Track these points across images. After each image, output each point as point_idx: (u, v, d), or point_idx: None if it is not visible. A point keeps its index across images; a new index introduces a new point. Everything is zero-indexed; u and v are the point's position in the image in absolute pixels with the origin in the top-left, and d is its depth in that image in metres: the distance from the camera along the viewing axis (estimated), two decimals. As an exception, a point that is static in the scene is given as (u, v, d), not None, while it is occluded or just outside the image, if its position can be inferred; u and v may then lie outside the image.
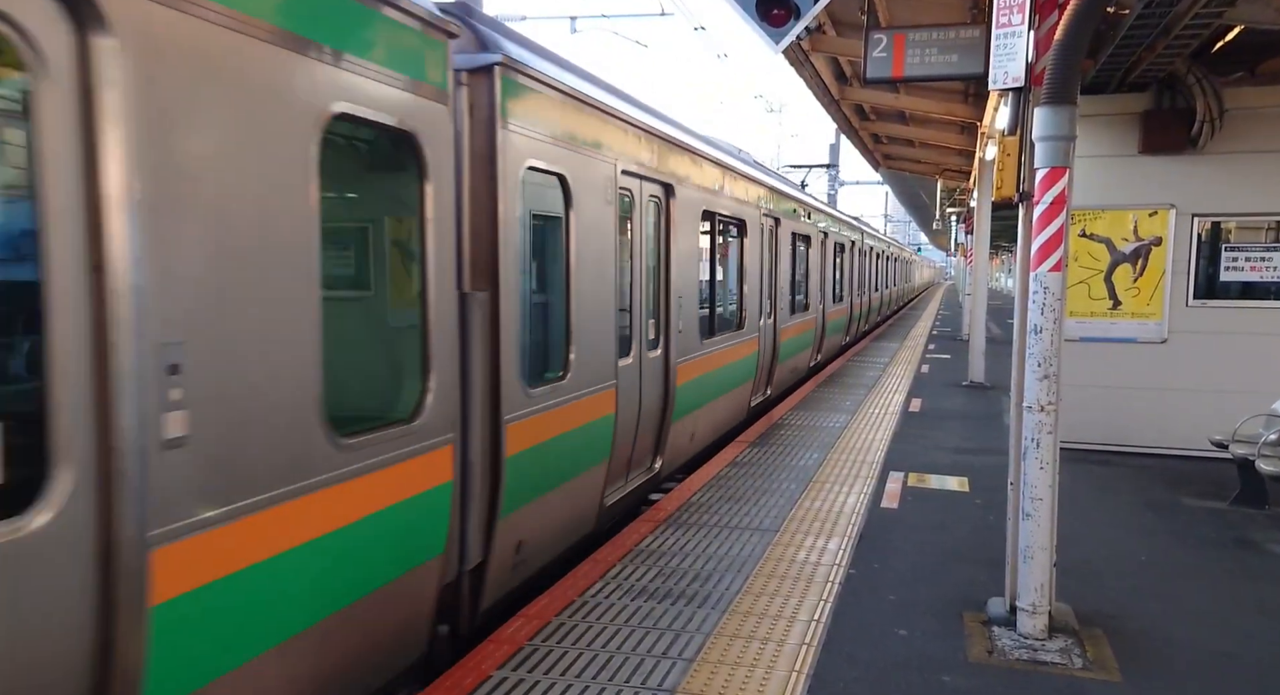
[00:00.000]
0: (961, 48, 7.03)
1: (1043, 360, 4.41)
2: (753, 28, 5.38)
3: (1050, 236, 4.36)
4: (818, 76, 12.94)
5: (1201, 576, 5.62)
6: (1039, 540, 4.48)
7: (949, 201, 28.52)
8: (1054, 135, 4.31)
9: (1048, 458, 4.45)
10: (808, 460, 8.45)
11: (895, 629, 4.67)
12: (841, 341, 19.56)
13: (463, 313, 4.30)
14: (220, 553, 2.84)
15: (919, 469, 8.25)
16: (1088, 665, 4.29)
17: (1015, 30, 4.60)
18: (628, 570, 5.42)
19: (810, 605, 4.92)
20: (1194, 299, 8.85)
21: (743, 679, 4.04)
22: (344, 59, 3.35)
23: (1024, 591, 4.54)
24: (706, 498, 7.06)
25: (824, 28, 11.10)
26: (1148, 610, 5.02)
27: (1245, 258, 8.80)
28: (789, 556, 5.70)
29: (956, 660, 4.32)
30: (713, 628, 4.59)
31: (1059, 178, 4.33)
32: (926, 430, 10.24)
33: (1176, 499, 7.42)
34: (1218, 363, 8.76)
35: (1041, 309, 4.40)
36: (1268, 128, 8.42)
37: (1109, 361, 8.94)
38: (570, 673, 4.08)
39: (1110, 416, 9.01)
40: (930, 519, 6.68)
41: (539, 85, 4.96)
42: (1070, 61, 4.22)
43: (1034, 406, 4.45)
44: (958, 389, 13.95)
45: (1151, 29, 6.79)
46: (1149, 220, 8.80)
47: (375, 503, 3.62)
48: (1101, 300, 8.95)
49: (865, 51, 7.26)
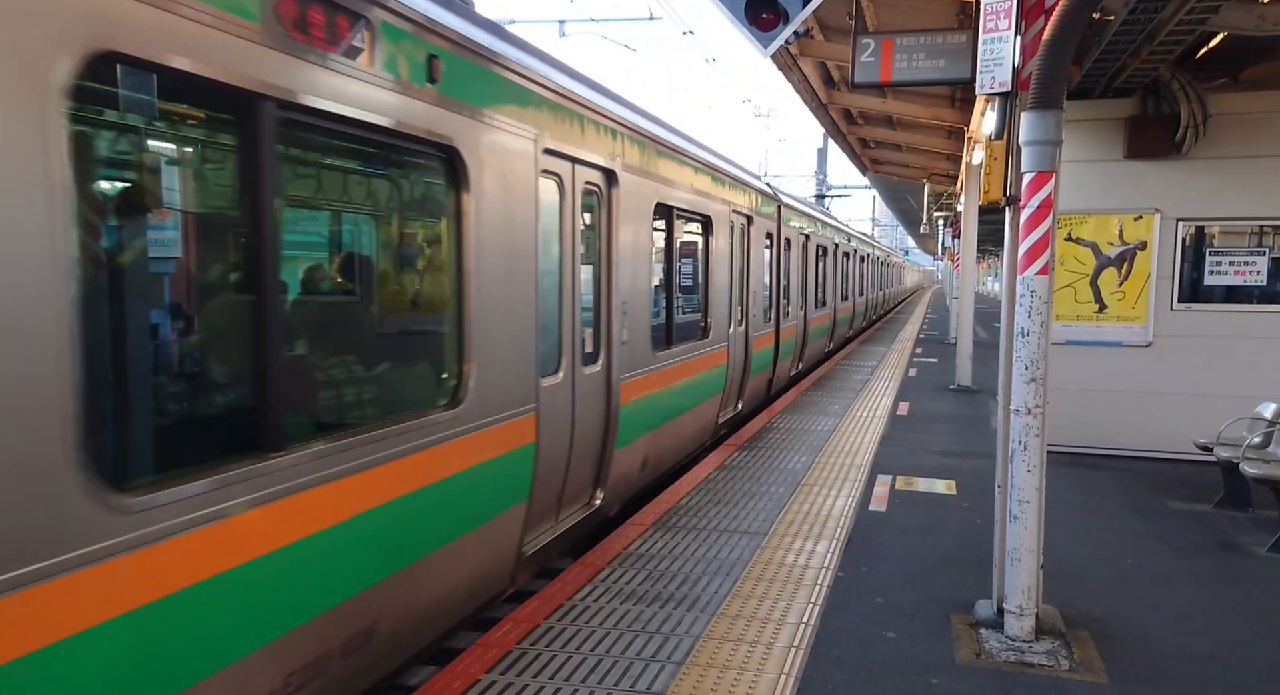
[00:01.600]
0: (949, 53, 7.08)
1: (1030, 363, 4.43)
2: (741, 31, 5.40)
3: (1037, 240, 4.38)
4: (806, 81, 12.99)
5: (1186, 579, 5.66)
6: (1026, 542, 4.50)
7: (936, 206, 28.68)
8: (1040, 140, 4.34)
9: (1035, 460, 4.47)
10: (796, 463, 8.46)
11: (883, 631, 4.68)
12: (825, 347, 19.12)
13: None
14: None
15: (907, 472, 8.28)
16: (1074, 667, 4.31)
17: (1002, 35, 4.62)
18: (616, 574, 5.41)
19: (799, 608, 4.92)
20: (1179, 303, 8.92)
21: (731, 681, 4.04)
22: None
23: (1011, 594, 4.56)
24: (695, 501, 7.06)
25: (812, 32, 11.15)
26: (1133, 612, 5.05)
27: (1229, 262, 8.87)
28: (777, 559, 5.71)
29: (944, 662, 4.33)
30: (701, 631, 4.59)
31: (1045, 182, 4.36)
32: (914, 433, 10.27)
33: (1161, 502, 7.46)
34: (1202, 366, 8.82)
35: (1029, 312, 4.43)
36: (1251, 133, 8.50)
37: (1094, 365, 9.00)
38: (559, 676, 4.07)
39: (1096, 420, 9.06)
40: (918, 522, 6.70)
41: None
42: (1056, 66, 4.25)
43: (1021, 409, 4.47)
44: (945, 392, 14.00)
45: (1136, 35, 6.85)
46: (1134, 225, 8.86)
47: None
48: (1087, 304, 9.01)
49: (853, 56, 7.31)
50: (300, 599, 3.42)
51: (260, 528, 3.18)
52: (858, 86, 8.19)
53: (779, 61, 11.71)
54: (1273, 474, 6.15)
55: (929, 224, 34.54)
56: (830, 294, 18.95)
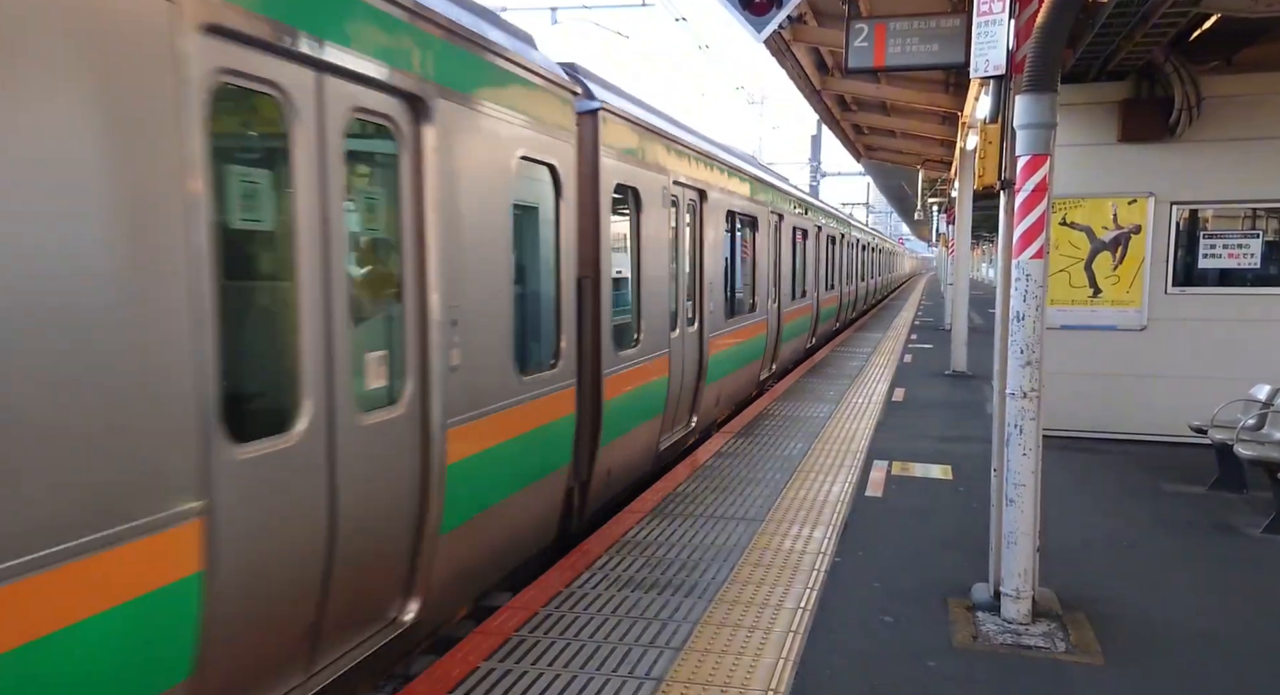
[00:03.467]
0: (942, 37, 7.05)
1: (1025, 347, 4.44)
2: (735, 17, 5.38)
3: (1032, 224, 4.38)
4: (799, 67, 12.94)
5: (1182, 561, 5.68)
6: (1022, 526, 4.52)
7: (930, 192, 28.66)
8: (1035, 123, 4.33)
9: (1031, 444, 4.48)
10: (793, 450, 8.48)
11: (881, 616, 4.70)
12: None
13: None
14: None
15: (903, 458, 8.29)
16: (1071, 649, 4.33)
17: (996, 18, 4.61)
18: (614, 561, 5.42)
19: (796, 593, 4.94)
20: (1173, 286, 8.93)
21: (730, 667, 4.06)
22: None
23: (1008, 577, 4.58)
24: (692, 488, 7.07)
25: (805, 18, 11.09)
26: (1129, 594, 5.07)
27: (1223, 245, 8.88)
28: (775, 545, 5.72)
29: (941, 646, 4.35)
30: (700, 616, 4.60)
31: (1040, 165, 4.35)
32: (910, 419, 10.29)
33: (1156, 485, 7.49)
34: (1196, 349, 8.84)
35: (1024, 296, 4.43)
36: (1245, 115, 8.50)
37: (1089, 349, 9.01)
38: (558, 663, 4.08)
39: (1091, 403, 9.08)
40: (914, 507, 6.72)
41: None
42: (1051, 48, 4.24)
43: (1017, 393, 4.48)
44: (940, 378, 14.02)
45: (1130, 17, 6.83)
46: (1128, 208, 8.86)
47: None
48: (1082, 288, 9.02)
49: (846, 41, 7.27)
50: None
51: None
52: (851, 72, 8.16)
53: (772, 47, 11.66)
54: (1267, 456, 6.18)
55: (923, 210, 34.53)
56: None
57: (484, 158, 4.62)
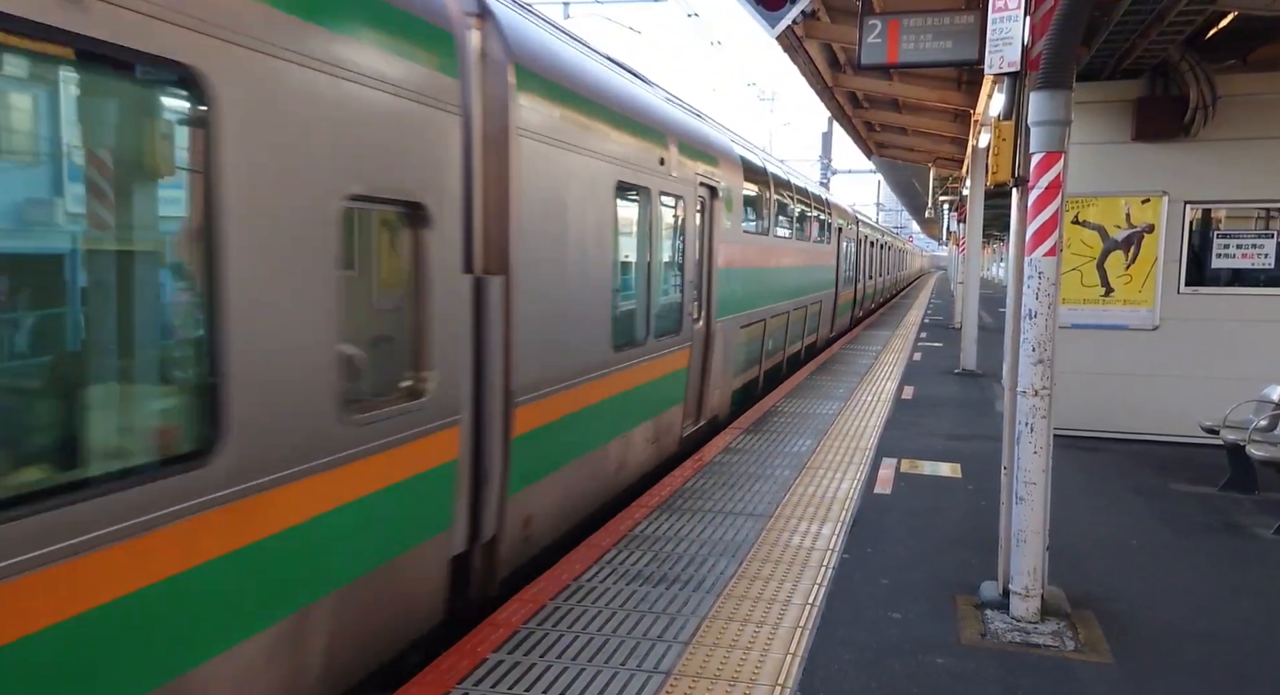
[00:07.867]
0: (956, 34, 7.01)
1: (1037, 345, 4.43)
2: (749, 11, 5.37)
3: (1045, 221, 4.36)
4: (811, 63, 12.90)
5: (1191, 561, 5.67)
6: (1032, 524, 4.51)
7: (941, 190, 28.54)
8: (1050, 120, 4.32)
9: (1041, 442, 4.47)
10: (801, 447, 8.47)
11: (889, 612, 4.70)
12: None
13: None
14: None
15: (911, 455, 8.28)
16: (1079, 647, 4.32)
17: (1011, 14, 4.59)
18: (623, 555, 5.43)
19: (804, 589, 4.94)
20: (1185, 286, 8.89)
21: (738, 661, 4.06)
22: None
23: (1017, 575, 4.57)
24: (700, 484, 7.08)
25: (818, 13, 11.06)
26: (1138, 593, 5.06)
27: (1236, 245, 8.83)
28: (783, 541, 5.73)
29: (949, 643, 4.35)
30: (708, 611, 4.61)
31: (1054, 162, 4.34)
32: (919, 417, 10.27)
33: (1166, 484, 7.47)
34: (1209, 349, 8.80)
35: (1036, 294, 4.41)
36: (1260, 115, 8.44)
37: (1101, 348, 8.98)
38: (566, 655, 4.09)
39: (1102, 403, 9.05)
40: (923, 504, 6.71)
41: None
42: (1066, 45, 4.22)
43: (1028, 391, 4.46)
44: (950, 376, 13.99)
45: (1145, 15, 6.79)
46: (1141, 207, 8.82)
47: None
48: (1093, 287, 8.98)
49: (859, 37, 7.23)
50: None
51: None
52: (864, 69, 8.12)
53: (784, 44, 11.63)
54: (1279, 457, 6.15)
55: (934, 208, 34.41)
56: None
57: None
